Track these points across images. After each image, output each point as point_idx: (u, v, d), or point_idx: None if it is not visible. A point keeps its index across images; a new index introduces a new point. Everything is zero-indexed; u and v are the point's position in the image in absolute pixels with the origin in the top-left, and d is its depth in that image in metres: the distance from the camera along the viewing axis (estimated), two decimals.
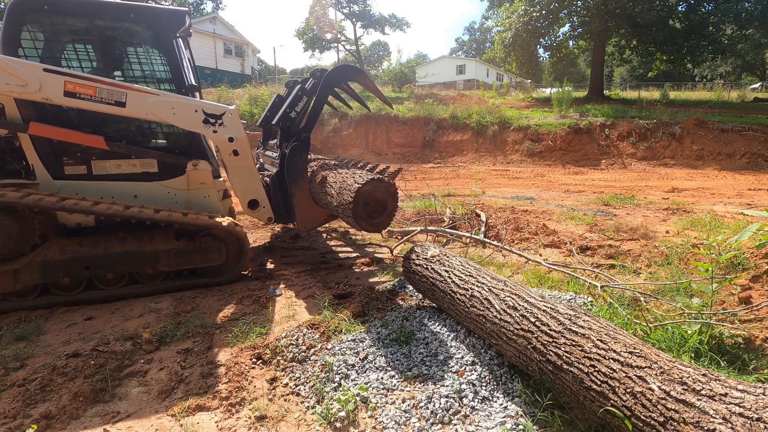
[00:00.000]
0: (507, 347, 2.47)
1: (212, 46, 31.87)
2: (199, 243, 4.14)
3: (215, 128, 4.09)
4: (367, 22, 35.31)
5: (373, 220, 3.71)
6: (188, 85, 4.32)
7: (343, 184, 3.76)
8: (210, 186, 4.37)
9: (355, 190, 3.52)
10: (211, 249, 4.15)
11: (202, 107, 4.05)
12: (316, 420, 2.31)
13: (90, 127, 3.96)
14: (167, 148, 4.32)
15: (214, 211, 4.38)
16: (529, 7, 23.42)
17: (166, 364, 2.89)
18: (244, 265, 4.40)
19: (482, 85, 39.57)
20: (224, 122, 4.11)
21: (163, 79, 4.34)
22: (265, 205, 4.63)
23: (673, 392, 1.69)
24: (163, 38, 4.18)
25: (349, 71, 4.78)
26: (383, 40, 68.83)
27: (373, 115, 19.42)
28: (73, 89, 3.59)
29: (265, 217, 4.67)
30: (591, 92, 25.01)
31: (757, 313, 2.95)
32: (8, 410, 2.40)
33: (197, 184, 4.31)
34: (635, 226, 5.75)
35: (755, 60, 35.99)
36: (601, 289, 3.49)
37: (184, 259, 4.07)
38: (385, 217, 3.77)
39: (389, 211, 3.77)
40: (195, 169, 4.23)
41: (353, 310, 3.48)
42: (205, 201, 4.38)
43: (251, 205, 4.58)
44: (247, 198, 4.56)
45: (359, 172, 3.86)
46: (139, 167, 4.18)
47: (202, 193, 4.36)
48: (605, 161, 15.92)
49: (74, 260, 3.74)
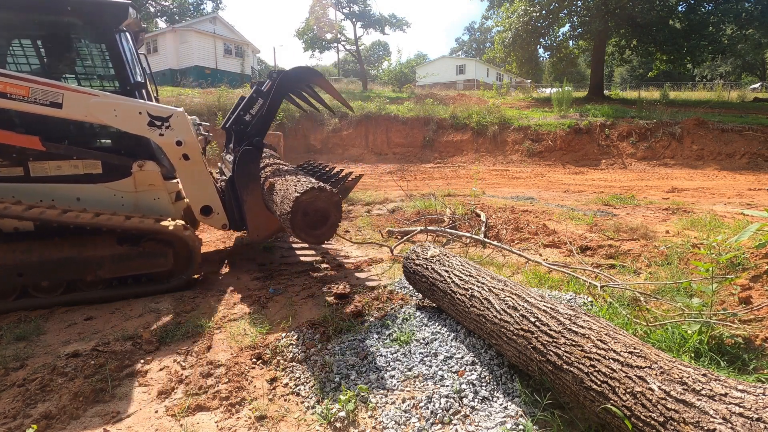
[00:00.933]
0: (507, 347, 2.47)
1: (212, 46, 31.85)
2: (143, 248, 3.95)
3: (161, 131, 3.89)
4: (367, 22, 35.28)
5: (314, 231, 3.50)
6: (134, 83, 4.07)
7: (285, 193, 3.58)
8: (160, 188, 4.18)
9: (293, 199, 3.34)
10: (157, 254, 3.97)
11: (146, 109, 3.84)
12: (316, 420, 2.31)
13: (25, 127, 3.74)
14: (111, 149, 4.12)
15: (166, 213, 4.18)
16: (529, 7, 23.42)
17: (166, 364, 2.89)
18: (194, 270, 4.20)
19: (482, 85, 39.58)
20: (171, 125, 3.91)
21: (107, 77, 4.12)
22: (219, 212, 4.44)
23: (673, 392, 1.69)
24: (104, 32, 3.93)
25: (304, 73, 4.62)
26: (383, 40, 68.92)
27: (373, 115, 19.42)
28: (3, 89, 3.41)
29: (220, 224, 4.49)
30: (591, 92, 25.01)
31: (757, 313, 2.95)
32: (8, 410, 2.40)
33: (145, 185, 4.12)
34: (635, 226, 5.75)
35: (755, 60, 35.98)
36: (601, 289, 3.49)
37: (126, 265, 3.89)
38: (327, 228, 3.56)
39: (332, 222, 3.57)
40: (141, 170, 4.04)
41: (353, 310, 3.48)
42: (156, 203, 4.19)
43: (204, 212, 4.38)
44: (199, 204, 4.36)
45: (304, 180, 3.70)
46: (81, 168, 3.96)
47: (151, 195, 4.17)
48: (605, 161, 15.92)
49: (4, 267, 3.55)
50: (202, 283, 4.42)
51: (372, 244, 5.63)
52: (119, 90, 4.05)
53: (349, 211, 7.86)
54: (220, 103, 17.80)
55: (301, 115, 18.78)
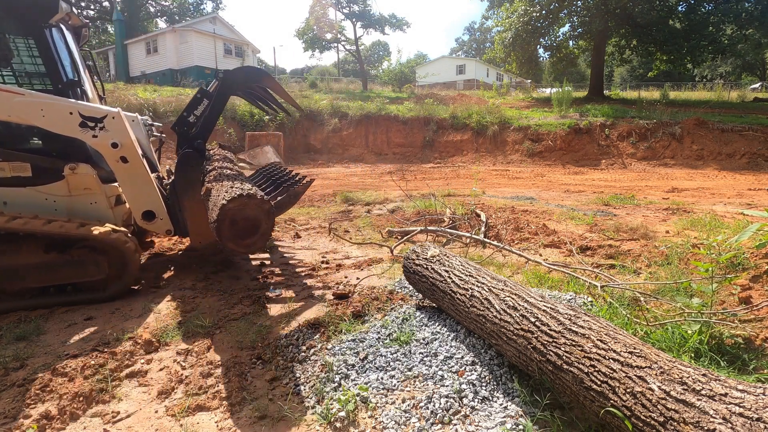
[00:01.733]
0: (507, 347, 2.47)
1: (212, 46, 31.86)
2: (70, 256, 3.71)
3: (95, 132, 3.65)
4: (367, 22, 35.30)
5: (243, 240, 3.21)
6: (66, 81, 3.84)
7: (215, 200, 3.34)
8: (97, 192, 3.96)
9: (220, 206, 3.10)
10: (87, 262, 3.73)
11: (78, 109, 3.59)
12: (316, 420, 2.31)
13: None
14: (42, 150, 3.88)
15: (104, 219, 3.97)
16: (529, 7, 23.44)
17: (166, 364, 2.89)
18: (129, 280, 3.98)
19: (482, 85, 39.59)
20: (106, 126, 3.68)
21: (39, 74, 3.90)
22: (163, 217, 4.20)
23: (673, 392, 1.69)
24: (32, 27, 3.70)
25: (250, 73, 4.40)
26: (383, 40, 68.98)
27: (373, 115, 19.43)
28: None
29: (164, 229, 4.25)
30: (591, 92, 25.03)
31: (757, 313, 2.95)
32: (8, 410, 2.40)
33: (80, 189, 3.89)
34: (635, 226, 5.75)
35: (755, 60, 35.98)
36: (601, 289, 3.49)
37: (53, 274, 3.68)
38: (258, 237, 3.28)
39: (263, 231, 3.28)
40: (74, 173, 3.81)
41: (353, 310, 3.48)
42: (92, 208, 3.97)
43: (146, 217, 4.13)
44: (140, 209, 4.10)
45: (236, 186, 3.44)
46: (8, 171, 3.72)
47: (87, 200, 3.94)
48: (605, 161, 15.93)
49: None
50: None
51: (372, 244, 5.63)
52: (51, 89, 3.81)
53: (349, 212, 7.86)
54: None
55: (301, 115, 18.79)
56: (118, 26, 32.42)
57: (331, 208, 8.18)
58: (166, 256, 5.31)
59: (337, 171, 15.31)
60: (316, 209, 8.15)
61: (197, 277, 4.53)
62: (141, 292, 4.14)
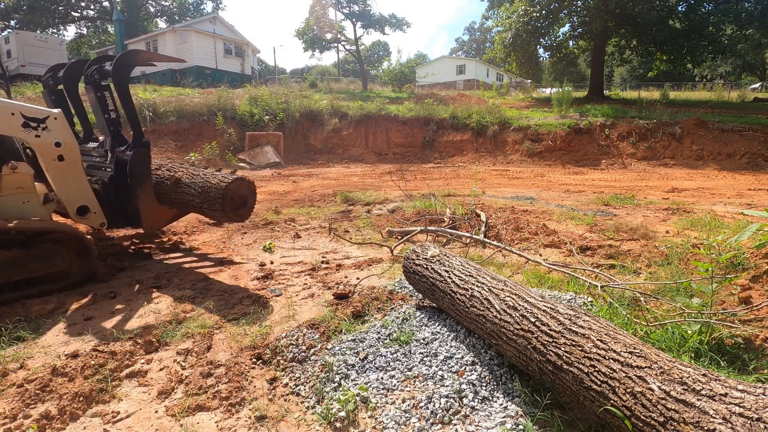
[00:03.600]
0: (507, 347, 2.47)
1: (212, 46, 31.85)
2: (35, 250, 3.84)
3: (38, 132, 3.84)
4: (367, 22, 35.31)
5: (237, 212, 4.45)
6: None
7: (205, 184, 4.38)
8: (31, 191, 4.05)
9: (223, 188, 4.22)
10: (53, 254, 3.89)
11: (20, 110, 3.74)
12: (316, 420, 2.31)
13: None
14: None
15: (37, 217, 4.08)
16: (529, 7, 23.43)
17: (166, 364, 2.89)
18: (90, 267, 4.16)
19: (482, 85, 39.61)
20: (48, 126, 3.88)
21: None
22: (97, 211, 4.48)
23: (673, 392, 1.69)
24: None
25: (131, 57, 4.55)
26: (383, 40, 68.92)
27: (373, 115, 19.43)
28: None
29: (98, 222, 4.54)
30: (591, 92, 25.03)
31: (757, 313, 2.95)
32: (8, 410, 2.40)
33: (13, 188, 3.94)
34: (635, 226, 5.75)
35: (755, 60, 35.99)
36: (601, 289, 3.49)
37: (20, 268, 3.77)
38: (246, 210, 4.57)
39: (249, 204, 4.57)
40: (13, 172, 3.88)
41: (353, 310, 3.48)
42: (25, 207, 4.03)
43: (80, 212, 4.38)
44: (75, 204, 4.32)
45: (221, 173, 4.51)
46: None
47: (19, 199, 4.01)
48: (605, 161, 15.93)
49: None
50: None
51: (372, 245, 5.63)
52: None
53: (349, 212, 7.86)
54: (220, 103, 17.82)
55: (301, 115, 18.80)
56: (118, 26, 32.40)
57: (331, 208, 8.18)
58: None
59: (337, 171, 15.31)
60: (316, 209, 8.15)
61: (197, 277, 4.54)
62: (141, 292, 4.15)
